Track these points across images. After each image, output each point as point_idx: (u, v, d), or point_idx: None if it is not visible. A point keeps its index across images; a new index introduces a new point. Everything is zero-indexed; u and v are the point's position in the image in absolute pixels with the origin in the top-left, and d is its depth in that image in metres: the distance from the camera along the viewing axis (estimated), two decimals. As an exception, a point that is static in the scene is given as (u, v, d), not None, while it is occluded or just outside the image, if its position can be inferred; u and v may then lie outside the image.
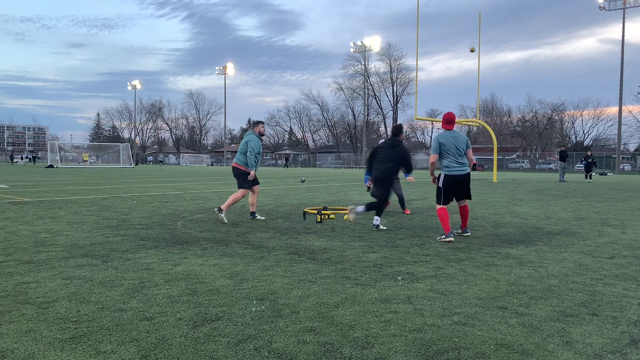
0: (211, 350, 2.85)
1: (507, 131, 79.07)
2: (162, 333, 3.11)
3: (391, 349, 2.89)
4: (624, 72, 50.20)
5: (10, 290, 4.02)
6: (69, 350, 2.82)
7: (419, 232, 7.43)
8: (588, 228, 8.11)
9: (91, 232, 7.08)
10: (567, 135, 77.58)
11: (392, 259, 5.40)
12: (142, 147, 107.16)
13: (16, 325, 3.21)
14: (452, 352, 2.86)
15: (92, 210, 10.00)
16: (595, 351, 2.92)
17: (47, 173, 32.54)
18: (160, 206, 10.92)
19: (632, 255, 5.81)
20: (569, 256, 5.71)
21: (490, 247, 6.25)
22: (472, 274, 4.77)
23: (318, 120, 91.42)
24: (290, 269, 4.89)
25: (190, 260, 5.27)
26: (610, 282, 4.52)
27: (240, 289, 4.14)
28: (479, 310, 3.62)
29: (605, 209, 11.30)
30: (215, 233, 7.15)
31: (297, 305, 3.69)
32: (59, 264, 4.99)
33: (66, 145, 66.16)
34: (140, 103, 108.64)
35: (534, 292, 4.16)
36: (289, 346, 2.93)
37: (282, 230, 7.47)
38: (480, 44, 44.12)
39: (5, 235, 6.75)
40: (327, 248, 6.03)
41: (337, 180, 25.95)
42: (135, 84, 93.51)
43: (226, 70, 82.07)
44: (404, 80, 79.76)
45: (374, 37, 66.98)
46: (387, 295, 4.00)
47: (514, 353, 2.86)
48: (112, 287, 4.16)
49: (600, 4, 50.85)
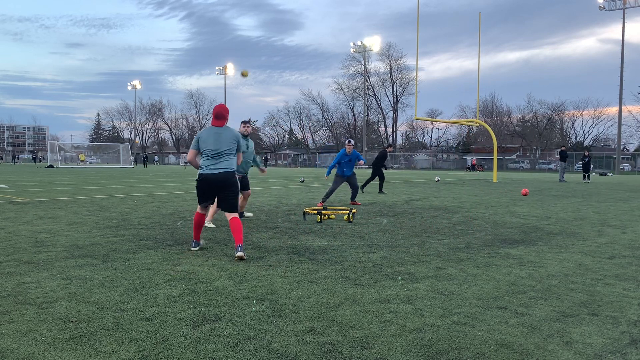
0: (211, 350, 2.85)
1: (507, 131, 79.08)
2: (162, 333, 3.11)
3: (391, 349, 2.89)
4: (624, 72, 50.23)
5: (10, 290, 4.02)
6: (69, 350, 2.82)
7: (419, 232, 7.43)
8: (588, 228, 8.11)
9: (91, 232, 7.08)
10: (567, 136, 77.55)
11: (392, 259, 5.40)
12: (142, 147, 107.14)
13: (16, 325, 3.21)
14: (452, 352, 2.86)
15: (92, 210, 10.00)
16: (595, 351, 2.92)
17: (47, 173, 32.54)
18: (160, 206, 10.92)
19: (632, 255, 5.81)
20: (569, 256, 5.71)
21: (490, 247, 6.25)
22: (472, 274, 4.77)
23: (318, 120, 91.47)
24: (290, 269, 4.89)
25: (190, 260, 5.27)
26: (610, 282, 4.52)
27: (240, 289, 4.14)
28: (479, 310, 3.62)
29: (605, 209, 11.31)
30: (215, 233, 7.15)
31: (297, 305, 3.69)
32: (59, 264, 4.99)
33: (66, 146, 66.19)
34: (140, 103, 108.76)
35: (534, 292, 4.16)
36: (289, 346, 2.93)
37: (282, 230, 7.47)
38: (480, 44, 44.18)
39: (5, 235, 6.75)
40: (327, 248, 6.03)
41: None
42: (135, 84, 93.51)
43: (226, 70, 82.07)
44: (404, 80, 79.86)
45: (373, 37, 67.10)
46: (387, 295, 4.00)
47: (514, 353, 2.86)
48: (112, 287, 4.16)
49: (600, 4, 50.84)
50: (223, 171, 5.60)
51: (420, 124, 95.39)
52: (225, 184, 5.60)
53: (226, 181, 5.60)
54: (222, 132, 5.73)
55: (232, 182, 5.64)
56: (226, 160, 5.66)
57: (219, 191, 5.64)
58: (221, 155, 5.65)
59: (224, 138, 5.68)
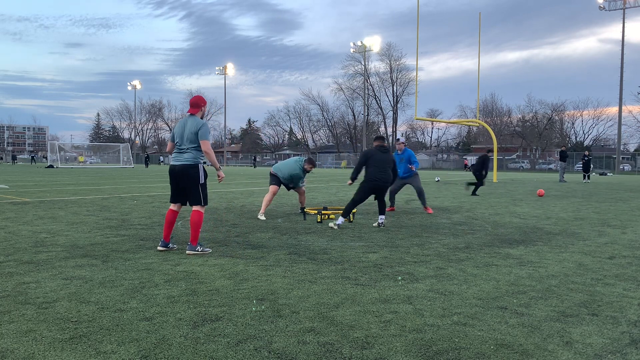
0: (211, 350, 2.85)
1: (507, 131, 79.03)
2: (162, 333, 3.11)
3: (391, 349, 2.89)
4: (624, 72, 50.21)
5: (10, 290, 4.02)
6: (69, 350, 2.82)
7: (419, 232, 7.43)
8: (588, 228, 8.11)
9: (91, 232, 7.08)
10: (567, 136, 77.55)
11: (392, 259, 5.40)
12: (143, 147, 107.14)
13: (16, 325, 3.21)
14: (452, 352, 2.86)
15: (92, 210, 10.00)
16: (595, 351, 2.92)
17: (47, 173, 32.54)
18: (160, 206, 10.92)
19: (632, 256, 5.81)
20: (569, 256, 5.71)
21: (490, 247, 6.25)
22: (472, 274, 4.77)
23: (318, 121, 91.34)
24: (290, 269, 4.89)
25: (190, 260, 5.27)
26: (610, 282, 4.52)
27: (240, 289, 4.14)
28: (479, 310, 3.62)
29: (605, 209, 11.30)
30: (215, 233, 7.15)
31: (297, 305, 3.69)
32: (59, 264, 4.99)
33: (66, 146, 66.19)
34: (140, 103, 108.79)
35: (534, 292, 4.16)
36: (289, 346, 2.93)
37: (282, 230, 7.47)
38: (480, 44, 44.19)
39: (5, 235, 6.75)
40: (327, 248, 6.03)
41: (337, 180, 25.93)
42: (135, 84, 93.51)
43: (226, 70, 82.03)
44: (404, 81, 79.70)
45: (373, 37, 67.02)
46: (387, 295, 4.00)
47: (514, 353, 2.86)
48: (112, 287, 4.16)
49: (600, 4, 50.83)
50: (181, 164, 5.53)
51: (420, 124, 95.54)
52: (184, 176, 5.51)
53: (184, 173, 5.51)
54: (187, 122, 5.61)
55: (191, 174, 5.50)
56: (187, 152, 5.53)
57: (182, 183, 5.57)
58: (182, 147, 5.56)
59: (187, 130, 5.54)
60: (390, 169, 8.06)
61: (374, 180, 7.89)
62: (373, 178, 7.90)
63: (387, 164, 8.02)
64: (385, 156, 8.04)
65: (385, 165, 7.99)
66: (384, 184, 7.95)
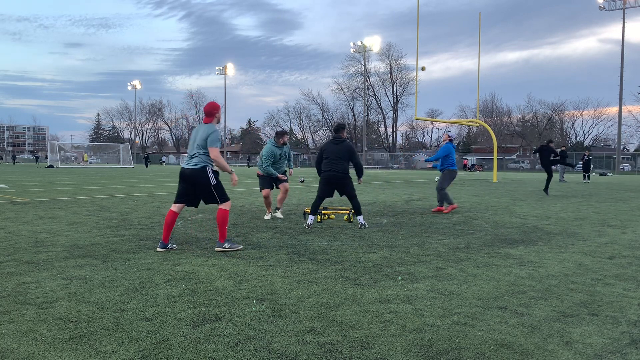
0: (211, 350, 2.85)
1: (507, 131, 79.09)
2: (162, 333, 3.11)
3: (391, 349, 2.89)
4: (624, 72, 50.24)
5: (10, 290, 4.02)
6: (69, 350, 2.82)
7: (419, 232, 7.43)
8: (588, 228, 8.11)
9: (91, 232, 7.08)
10: (567, 136, 77.55)
11: (392, 259, 5.40)
12: (142, 147, 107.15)
13: (16, 325, 3.21)
14: (452, 352, 2.86)
15: (92, 210, 10.00)
16: (595, 351, 2.91)
17: (47, 173, 32.54)
18: (160, 206, 10.92)
19: (632, 256, 5.81)
20: (569, 256, 5.71)
21: (490, 247, 6.25)
22: (472, 274, 4.77)
23: (318, 120, 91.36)
24: (290, 269, 4.89)
25: (190, 260, 5.28)
26: (610, 282, 4.52)
27: (240, 289, 4.14)
28: (479, 311, 3.62)
29: (605, 209, 11.30)
30: (215, 233, 7.14)
31: (297, 305, 3.69)
32: (59, 264, 4.99)
33: (66, 146, 66.18)
34: (140, 103, 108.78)
35: (534, 292, 4.16)
36: (289, 346, 2.93)
37: (282, 230, 7.47)
38: (480, 44, 44.17)
39: (5, 235, 6.75)
40: (327, 248, 6.04)
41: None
42: (135, 84, 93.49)
43: (226, 70, 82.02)
44: (404, 81, 79.81)
45: (373, 37, 67.10)
46: (387, 295, 4.00)
47: (514, 353, 2.86)
48: (112, 287, 4.16)
49: (600, 4, 50.84)
50: (190, 168, 5.70)
51: (420, 124, 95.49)
52: (194, 180, 5.69)
53: (194, 178, 5.68)
54: (200, 128, 5.83)
55: (201, 179, 5.68)
56: (195, 157, 5.72)
57: (192, 187, 5.75)
58: (192, 152, 5.78)
59: (198, 136, 5.75)
60: (344, 160, 7.78)
61: (325, 171, 7.85)
62: (324, 170, 7.87)
63: (339, 155, 7.77)
64: (336, 147, 7.82)
65: (336, 157, 7.78)
66: (335, 175, 7.77)
